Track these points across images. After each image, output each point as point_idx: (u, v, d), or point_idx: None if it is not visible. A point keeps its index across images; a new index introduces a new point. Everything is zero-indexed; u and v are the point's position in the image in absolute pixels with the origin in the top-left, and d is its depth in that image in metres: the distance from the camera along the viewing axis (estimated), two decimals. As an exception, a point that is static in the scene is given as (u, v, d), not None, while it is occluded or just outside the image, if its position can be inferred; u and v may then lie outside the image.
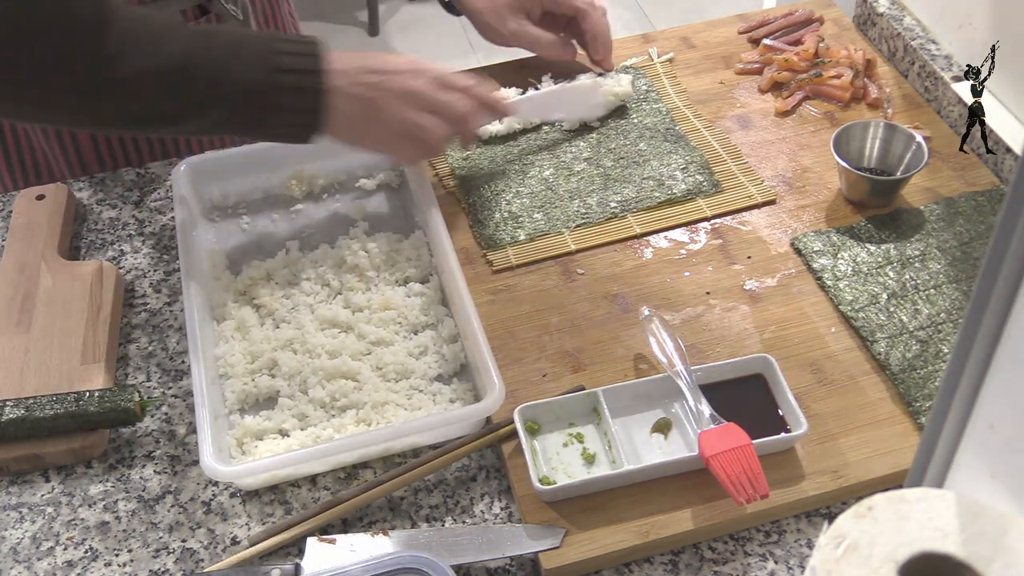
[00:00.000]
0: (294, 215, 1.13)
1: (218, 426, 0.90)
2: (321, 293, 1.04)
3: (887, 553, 0.54)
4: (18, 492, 0.91)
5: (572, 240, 1.07)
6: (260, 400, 0.96)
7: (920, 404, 0.90)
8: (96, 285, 1.04)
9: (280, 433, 0.92)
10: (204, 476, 0.90)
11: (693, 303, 1.00)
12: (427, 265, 1.05)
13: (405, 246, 1.07)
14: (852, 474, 0.86)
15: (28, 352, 0.98)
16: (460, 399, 0.94)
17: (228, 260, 1.08)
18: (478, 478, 0.90)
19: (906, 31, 1.24)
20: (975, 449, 0.56)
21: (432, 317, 1.01)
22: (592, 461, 0.88)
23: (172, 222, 1.12)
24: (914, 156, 1.07)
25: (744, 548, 0.84)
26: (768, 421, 0.88)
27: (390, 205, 1.14)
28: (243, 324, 1.00)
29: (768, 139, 1.18)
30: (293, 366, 0.96)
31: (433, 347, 0.98)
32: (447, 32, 3.37)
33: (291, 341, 0.98)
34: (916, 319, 0.96)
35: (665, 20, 3.18)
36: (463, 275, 0.98)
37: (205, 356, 0.93)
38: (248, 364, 0.97)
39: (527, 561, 0.84)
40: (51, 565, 0.86)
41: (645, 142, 1.17)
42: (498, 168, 1.15)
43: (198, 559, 0.85)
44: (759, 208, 1.10)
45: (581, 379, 0.94)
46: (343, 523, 0.87)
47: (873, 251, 1.03)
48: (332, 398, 0.94)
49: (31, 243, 1.08)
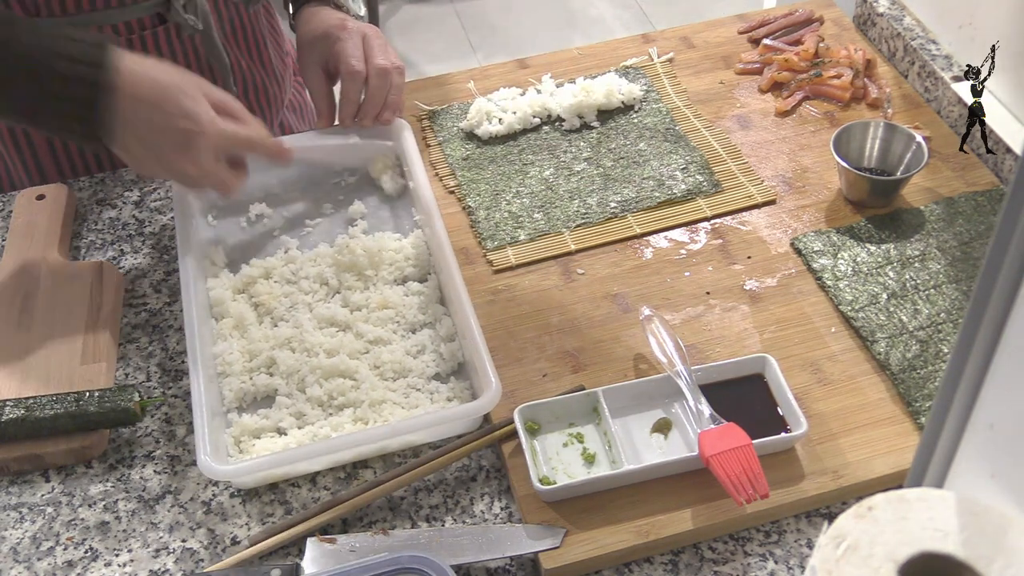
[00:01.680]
0: (293, 213, 1.13)
1: (216, 425, 0.90)
2: (319, 292, 1.04)
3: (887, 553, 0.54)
4: (18, 492, 0.91)
5: (572, 240, 1.07)
6: (258, 398, 0.96)
7: (920, 404, 0.90)
8: (96, 285, 1.04)
9: (278, 432, 0.92)
10: (204, 476, 0.90)
11: (693, 303, 1.00)
12: (426, 264, 1.05)
13: (404, 245, 1.07)
14: (852, 474, 0.86)
15: (28, 352, 0.98)
16: (457, 397, 0.94)
17: (227, 258, 1.08)
18: (478, 478, 0.90)
19: (906, 31, 1.24)
20: (975, 449, 0.56)
21: (430, 316, 1.01)
22: (592, 461, 0.88)
23: (172, 222, 1.12)
24: (914, 156, 1.07)
25: (744, 548, 0.84)
26: (768, 421, 0.88)
27: (389, 204, 1.14)
28: (241, 322, 1.00)
29: (768, 139, 1.18)
30: (291, 364, 0.96)
31: (431, 346, 0.98)
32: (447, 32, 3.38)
33: (289, 339, 0.98)
34: (916, 319, 0.96)
35: (665, 20, 3.18)
36: (461, 274, 0.98)
37: (203, 354, 0.93)
38: (246, 362, 0.97)
39: (527, 561, 0.84)
40: (51, 565, 0.86)
41: (645, 142, 1.17)
42: (498, 168, 1.15)
43: (198, 559, 0.85)
44: (759, 208, 1.10)
45: (581, 379, 0.94)
46: (343, 523, 0.87)
47: (873, 251, 1.03)
48: (330, 396, 0.94)
49: (31, 243, 1.08)
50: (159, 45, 1.11)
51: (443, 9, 3.52)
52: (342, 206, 1.14)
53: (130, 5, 1.06)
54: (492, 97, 1.22)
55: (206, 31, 1.12)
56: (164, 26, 1.10)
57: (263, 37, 1.23)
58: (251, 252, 1.09)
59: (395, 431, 0.88)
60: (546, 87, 1.23)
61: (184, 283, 0.99)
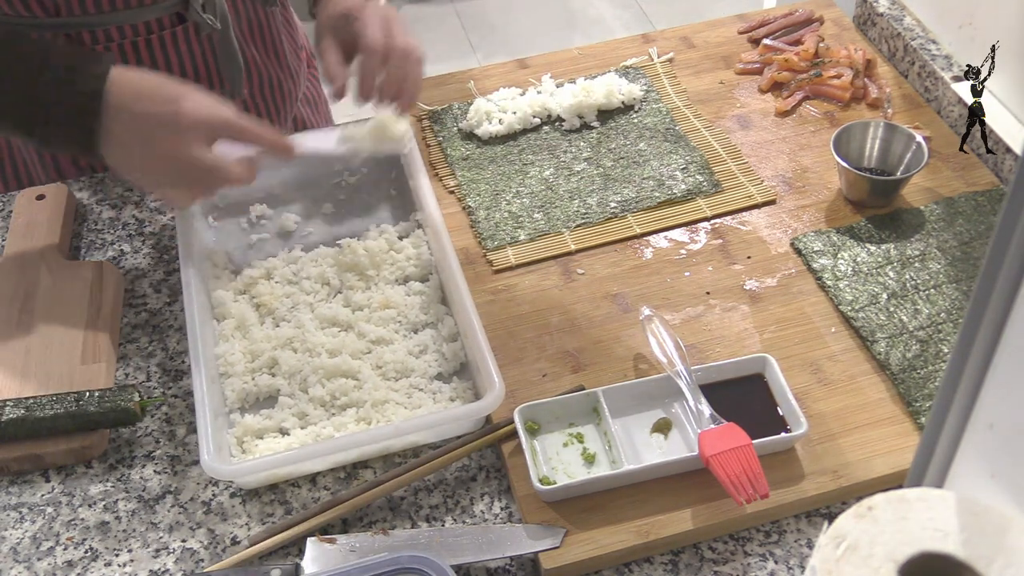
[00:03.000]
0: (294, 214, 1.13)
1: (218, 425, 0.90)
2: (321, 292, 1.04)
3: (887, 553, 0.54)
4: (18, 492, 0.91)
5: (572, 240, 1.07)
6: (260, 399, 0.96)
7: (920, 404, 0.90)
8: (96, 285, 1.04)
9: (280, 432, 0.93)
10: (204, 476, 0.90)
11: (693, 303, 1.00)
12: (427, 264, 1.05)
13: (405, 245, 1.07)
14: (852, 474, 0.86)
15: (28, 352, 0.98)
16: (460, 397, 0.94)
17: (228, 259, 1.08)
18: (478, 478, 0.90)
19: (906, 31, 1.24)
20: (975, 449, 0.56)
21: (432, 316, 1.01)
22: (592, 461, 0.88)
23: (172, 222, 1.12)
24: (914, 156, 1.07)
25: (744, 548, 0.84)
26: (768, 421, 0.88)
27: (390, 204, 1.14)
28: (243, 323, 1.00)
29: (768, 139, 1.18)
30: (293, 365, 0.96)
31: (433, 346, 0.98)
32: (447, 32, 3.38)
33: (291, 340, 0.98)
34: (916, 319, 0.96)
35: (665, 20, 3.18)
36: (463, 274, 0.98)
37: (205, 355, 0.93)
38: (248, 363, 0.97)
39: (527, 561, 0.84)
40: (51, 565, 0.86)
41: (645, 142, 1.17)
42: (498, 168, 1.15)
43: (198, 559, 0.85)
44: (759, 208, 1.10)
45: (581, 379, 0.94)
46: (343, 523, 0.87)
47: (873, 251, 1.03)
48: (332, 397, 0.94)
49: (31, 243, 1.08)
50: (177, 45, 1.11)
51: (443, 9, 3.52)
52: (342, 206, 1.14)
53: (149, 5, 1.07)
54: (492, 97, 1.22)
55: (224, 30, 1.12)
56: (183, 25, 1.11)
57: (278, 33, 1.24)
58: (252, 253, 1.09)
59: (399, 431, 0.88)
60: (546, 87, 1.23)
61: (185, 284, 0.99)
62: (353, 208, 1.13)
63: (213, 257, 1.07)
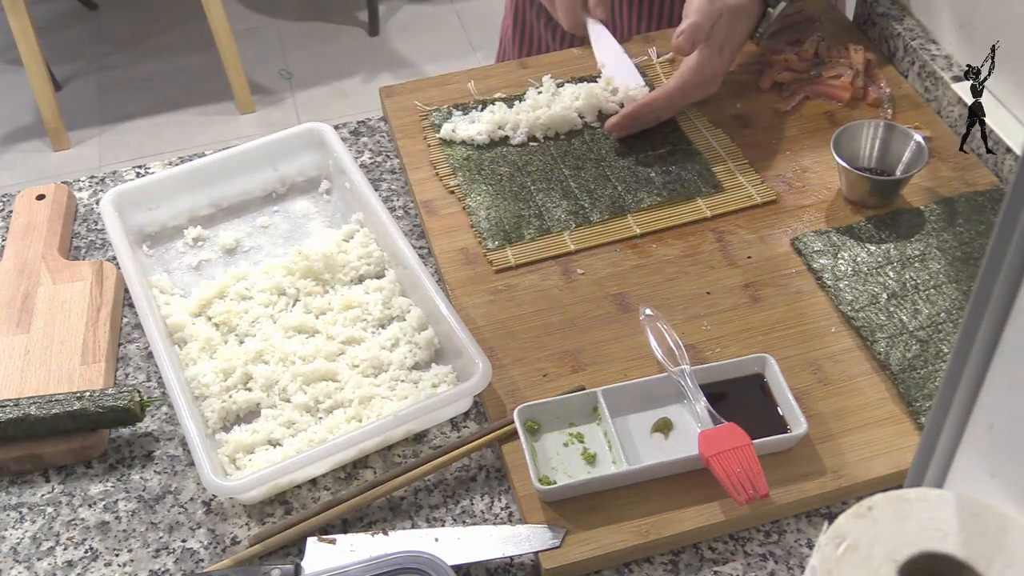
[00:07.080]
0: (231, 232, 1.12)
1: (207, 447, 0.88)
2: (279, 302, 1.03)
3: (887, 553, 0.54)
4: (18, 492, 0.91)
5: (572, 240, 1.07)
6: (241, 415, 0.95)
7: (920, 404, 0.90)
8: (96, 285, 1.04)
9: (270, 443, 0.92)
10: (204, 476, 0.90)
11: (693, 303, 1.00)
12: (379, 261, 1.06)
13: (353, 246, 1.07)
14: (852, 474, 0.86)
15: (28, 352, 0.98)
16: (443, 382, 0.94)
17: (175, 285, 1.06)
18: (478, 478, 0.90)
19: (906, 31, 1.24)
20: (975, 449, 0.56)
21: (396, 309, 1.01)
22: (592, 461, 0.88)
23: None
24: (914, 156, 1.07)
25: (744, 548, 0.84)
26: (768, 421, 0.88)
27: (329, 209, 1.14)
28: (208, 343, 0.99)
29: (768, 139, 1.18)
30: (269, 376, 0.96)
31: (404, 337, 0.99)
32: (447, 32, 3.38)
33: (261, 353, 0.98)
34: (916, 319, 0.96)
35: (665, 20, 3.18)
36: (422, 263, 0.99)
37: (179, 381, 0.92)
38: (222, 382, 0.96)
39: (527, 561, 0.84)
40: (51, 565, 0.86)
41: (645, 142, 1.17)
42: (498, 168, 1.15)
43: (198, 559, 0.85)
44: (759, 208, 1.10)
45: (581, 379, 0.94)
46: (343, 523, 0.87)
47: (873, 251, 1.03)
48: (316, 401, 0.94)
49: (31, 243, 1.09)
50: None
51: (443, 9, 3.52)
52: (277, 216, 1.13)
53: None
54: (493, 97, 1.22)
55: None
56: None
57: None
58: (199, 275, 1.08)
59: (398, 420, 0.88)
60: (546, 87, 1.23)
61: (142, 315, 0.97)
62: (290, 217, 1.13)
63: (159, 284, 1.05)
